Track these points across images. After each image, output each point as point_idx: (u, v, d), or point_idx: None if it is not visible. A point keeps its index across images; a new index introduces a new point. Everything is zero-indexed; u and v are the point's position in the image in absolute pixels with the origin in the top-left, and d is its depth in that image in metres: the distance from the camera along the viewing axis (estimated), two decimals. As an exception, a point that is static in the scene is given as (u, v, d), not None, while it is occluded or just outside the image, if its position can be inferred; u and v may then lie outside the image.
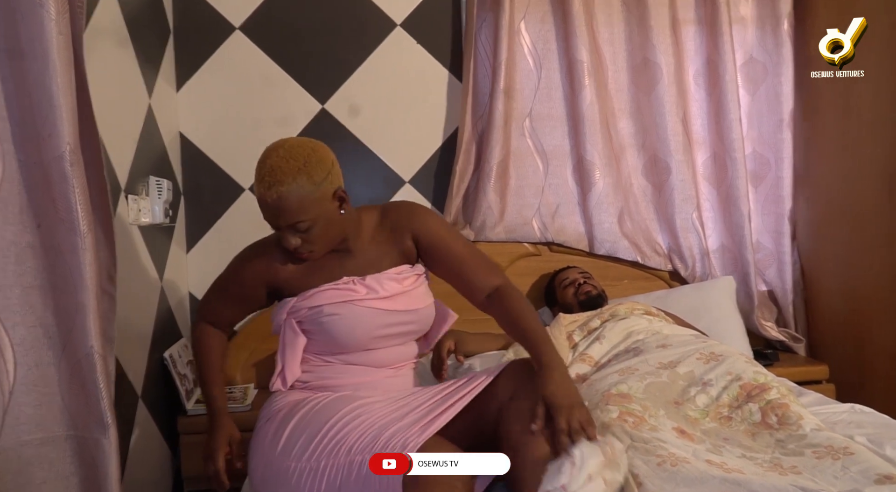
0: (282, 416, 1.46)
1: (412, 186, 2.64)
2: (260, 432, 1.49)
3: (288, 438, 1.39)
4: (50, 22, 1.21)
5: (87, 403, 1.33)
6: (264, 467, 1.42)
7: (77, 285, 1.31)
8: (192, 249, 2.53)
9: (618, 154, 2.68)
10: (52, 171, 1.27)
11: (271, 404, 1.52)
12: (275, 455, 1.39)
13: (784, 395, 1.62)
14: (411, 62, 2.63)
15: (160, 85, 2.32)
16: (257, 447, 1.47)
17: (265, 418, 1.51)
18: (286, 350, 1.53)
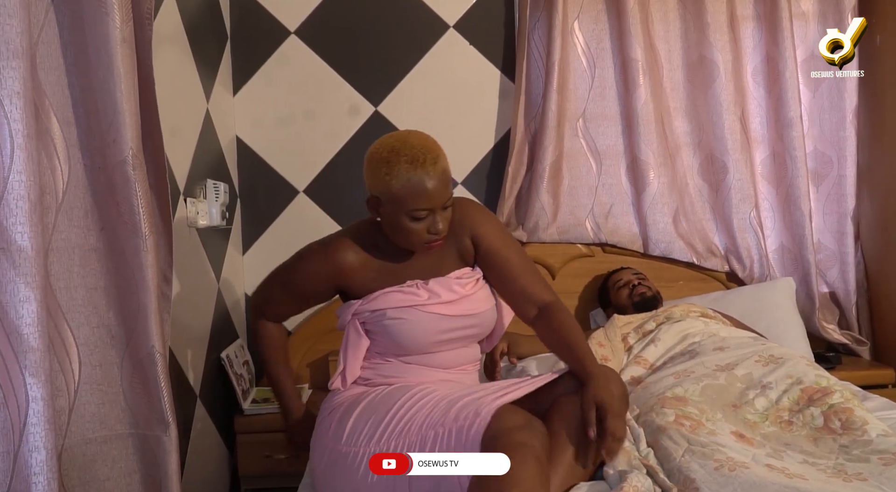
0: (344, 408, 1.45)
1: (464, 188, 2.64)
2: (321, 425, 1.49)
3: (353, 427, 1.39)
4: (115, 30, 1.25)
5: (149, 401, 1.37)
6: (328, 458, 1.41)
7: (139, 287, 1.35)
8: (247, 251, 2.58)
9: (673, 153, 2.63)
10: (115, 175, 1.31)
11: (332, 399, 1.52)
12: (339, 444, 1.38)
13: (848, 399, 1.57)
14: (464, 64, 2.64)
15: (217, 90, 2.37)
16: (319, 440, 1.47)
17: (326, 410, 1.51)
18: (348, 350, 1.53)
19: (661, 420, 1.50)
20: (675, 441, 1.41)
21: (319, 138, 2.60)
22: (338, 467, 1.37)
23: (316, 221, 2.60)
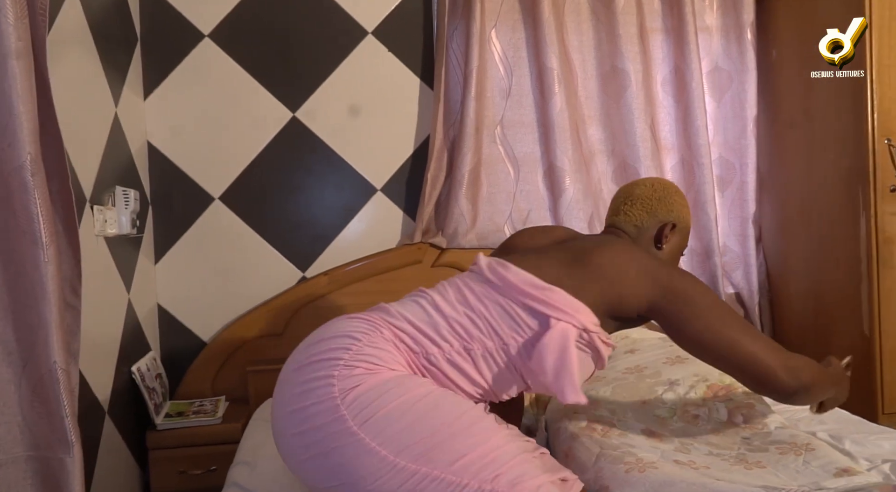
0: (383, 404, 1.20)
1: (384, 194, 2.63)
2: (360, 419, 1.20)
3: (432, 443, 1.16)
4: (8, 27, 1.19)
5: (50, 421, 1.30)
6: (413, 482, 1.16)
7: (39, 299, 1.28)
8: (160, 260, 2.50)
9: (587, 160, 2.71)
10: (12, 181, 1.25)
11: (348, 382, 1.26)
12: (435, 468, 1.14)
13: (749, 395, 1.65)
14: (383, 70, 2.63)
15: (127, 94, 2.29)
16: (365, 448, 1.18)
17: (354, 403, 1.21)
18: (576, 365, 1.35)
19: (574, 427, 1.55)
20: (588, 447, 1.45)
21: (235, 144, 2.55)
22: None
23: (232, 229, 2.54)
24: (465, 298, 1.38)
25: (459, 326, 1.33)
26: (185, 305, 2.52)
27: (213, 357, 2.46)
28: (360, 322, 1.33)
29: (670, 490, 1.21)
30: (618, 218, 1.60)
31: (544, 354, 1.28)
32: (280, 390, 1.29)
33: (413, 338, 1.32)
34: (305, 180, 2.59)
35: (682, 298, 1.35)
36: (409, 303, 1.41)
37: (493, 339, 1.33)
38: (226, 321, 2.53)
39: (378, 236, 2.63)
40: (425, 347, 1.31)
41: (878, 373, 2.27)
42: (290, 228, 2.58)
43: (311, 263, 2.59)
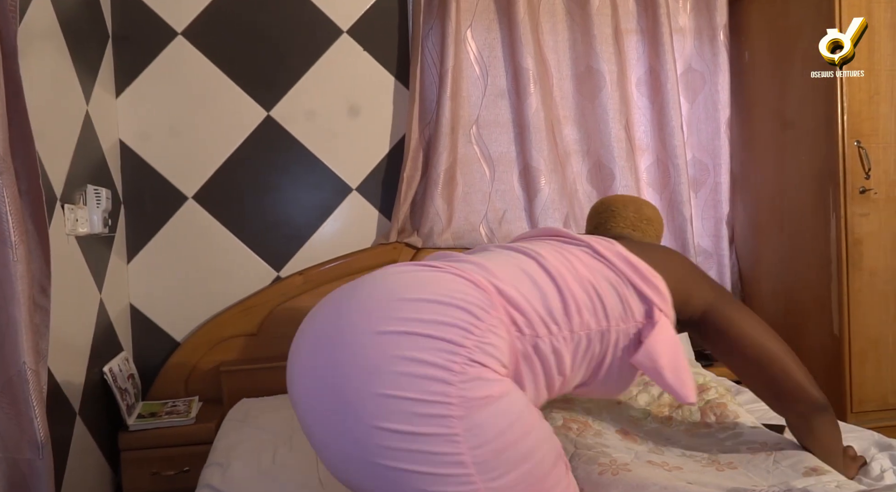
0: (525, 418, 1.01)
1: (359, 194, 2.63)
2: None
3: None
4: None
5: (19, 422, 1.28)
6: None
7: (7, 299, 1.26)
8: (133, 260, 2.47)
9: (563, 160, 2.72)
10: (-21, 181, 1.23)
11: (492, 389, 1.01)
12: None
13: (722, 394, 1.67)
14: (358, 69, 2.63)
15: (98, 91, 2.26)
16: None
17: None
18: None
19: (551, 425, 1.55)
20: (565, 447, 1.45)
21: (209, 143, 2.53)
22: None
23: (206, 228, 2.52)
24: (576, 269, 1.16)
25: (573, 302, 1.12)
26: (158, 305, 2.49)
27: (186, 357, 2.44)
28: (470, 288, 1.04)
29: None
30: (635, 233, 1.56)
31: (658, 349, 1.16)
32: (341, 339, 0.98)
33: (527, 317, 1.07)
34: (280, 179, 2.57)
35: (735, 305, 1.34)
36: (506, 265, 1.14)
37: (601, 323, 1.15)
38: (199, 321, 2.50)
39: (353, 236, 2.62)
40: (536, 329, 1.08)
41: (847, 373, 2.31)
42: (264, 227, 2.56)
43: (286, 263, 2.58)
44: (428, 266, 1.10)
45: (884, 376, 2.34)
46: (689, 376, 1.20)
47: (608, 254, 1.20)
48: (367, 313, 0.99)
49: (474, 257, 1.15)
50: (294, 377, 1.05)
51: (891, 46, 2.31)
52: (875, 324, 2.33)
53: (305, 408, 1.01)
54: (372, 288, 1.04)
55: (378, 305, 1.00)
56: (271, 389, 2.38)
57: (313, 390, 0.98)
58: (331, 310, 1.06)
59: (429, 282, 1.04)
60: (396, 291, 1.02)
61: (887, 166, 2.33)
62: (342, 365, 0.95)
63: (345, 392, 0.93)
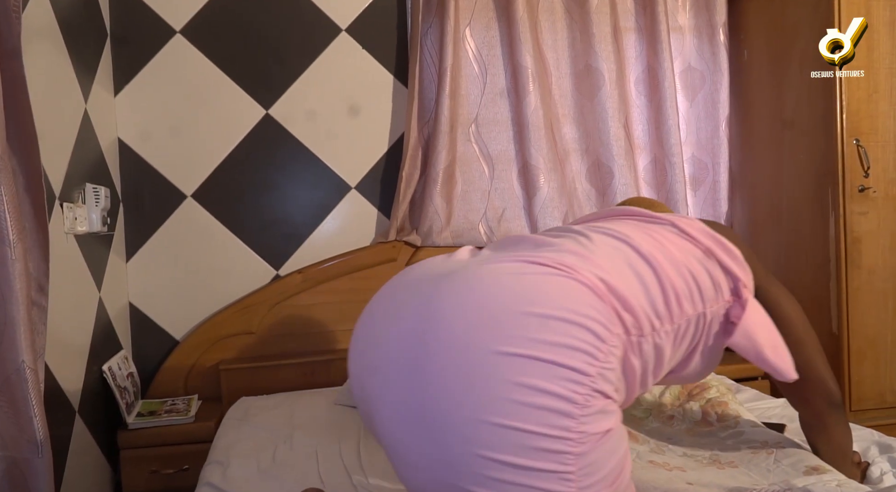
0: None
1: (358, 192, 2.62)
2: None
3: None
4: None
5: (18, 421, 1.28)
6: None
7: (6, 298, 1.26)
8: (132, 258, 2.46)
9: (562, 159, 2.72)
10: (-23, 179, 1.22)
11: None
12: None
13: (723, 393, 1.67)
14: (357, 67, 2.62)
15: (97, 90, 2.26)
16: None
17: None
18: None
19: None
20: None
21: (208, 142, 2.52)
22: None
23: (206, 227, 2.52)
24: (669, 251, 1.06)
25: (673, 292, 1.02)
26: (157, 304, 2.49)
27: (185, 356, 2.44)
28: (591, 298, 0.90)
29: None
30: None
31: (755, 328, 1.11)
32: (446, 354, 0.85)
33: (635, 317, 0.96)
34: (279, 178, 2.57)
35: (780, 286, 1.29)
36: (608, 255, 1.01)
37: (697, 307, 1.06)
38: (198, 320, 2.50)
39: (352, 234, 2.62)
40: (642, 328, 0.97)
41: (846, 371, 2.32)
42: (263, 225, 2.56)
43: (285, 262, 2.58)
44: (537, 264, 0.94)
45: (882, 375, 2.34)
46: (787, 353, 1.15)
47: (693, 231, 1.13)
48: (484, 327, 0.85)
49: (572, 245, 1.02)
50: (370, 385, 0.94)
51: (890, 45, 2.31)
52: (873, 322, 2.33)
53: (390, 425, 0.90)
54: (484, 294, 0.89)
55: (498, 319, 0.86)
56: (271, 387, 2.38)
57: (403, 406, 0.88)
58: (417, 310, 0.92)
59: (550, 291, 0.89)
60: (517, 302, 0.87)
61: (886, 164, 2.33)
62: (448, 385, 0.84)
63: (449, 415, 0.83)
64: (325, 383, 2.41)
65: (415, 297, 0.95)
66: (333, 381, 2.38)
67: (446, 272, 0.97)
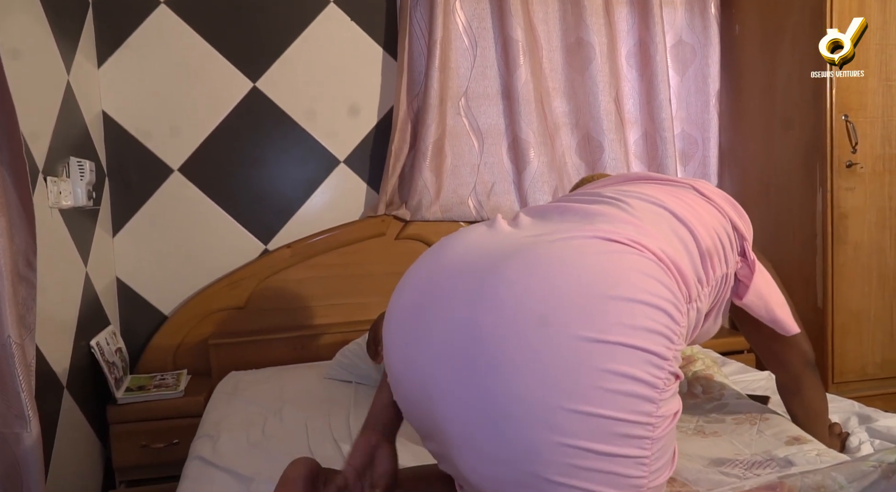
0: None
1: (347, 166, 2.61)
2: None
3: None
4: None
5: (6, 396, 1.28)
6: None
7: (-9, 273, 1.25)
8: (118, 233, 2.45)
9: (552, 133, 2.71)
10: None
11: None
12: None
13: (708, 366, 1.69)
14: (345, 40, 2.59)
15: (79, 61, 2.22)
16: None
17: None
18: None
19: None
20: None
21: (194, 115, 2.49)
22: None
23: (193, 201, 2.50)
24: (700, 215, 1.06)
25: (708, 255, 1.02)
26: (145, 279, 2.48)
27: (174, 331, 2.44)
28: (662, 274, 0.88)
29: None
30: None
31: (764, 288, 1.14)
32: (520, 338, 0.80)
33: (688, 286, 0.95)
34: (267, 152, 2.55)
35: (758, 252, 1.29)
36: (655, 222, 0.99)
37: (724, 268, 1.08)
38: (187, 295, 2.50)
39: (341, 209, 2.61)
40: (692, 297, 0.97)
41: (830, 344, 2.35)
42: (251, 200, 2.55)
43: (274, 236, 2.57)
44: (610, 240, 0.90)
45: (864, 348, 2.38)
46: (790, 309, 1.19)
47: (711, 194, 1.15)
48: (566, 311, 0.81)
49: (622, 214, 0.98)
50: (424, 362, 0.88)
51: (880, 20, 2.31)
52: (857, 297, 2.36)
53: (457, 423, 0.84)
54: (563, 276, 0.84)
55: (581, 304, 0.81)
56: (260, 362, 2.39)
57: (471, 401, 0.82)
58: (472, 297, 0.85)
59: (630, 272, 0.86)
60: (600, 285, 0.83)
61: (874, 140, 2.33)
62: (525, 374, 0.79)
63: (528, 405, 0.79)
64: (314, 357, 2.41)
65: (471, 276, 0.88)
66: (323, 355, 2.39)
67: (506, 250, 0.90)
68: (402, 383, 0.94)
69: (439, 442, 0.91)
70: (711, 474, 1.16)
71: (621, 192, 1.10)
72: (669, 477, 1.12)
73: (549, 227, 0.98)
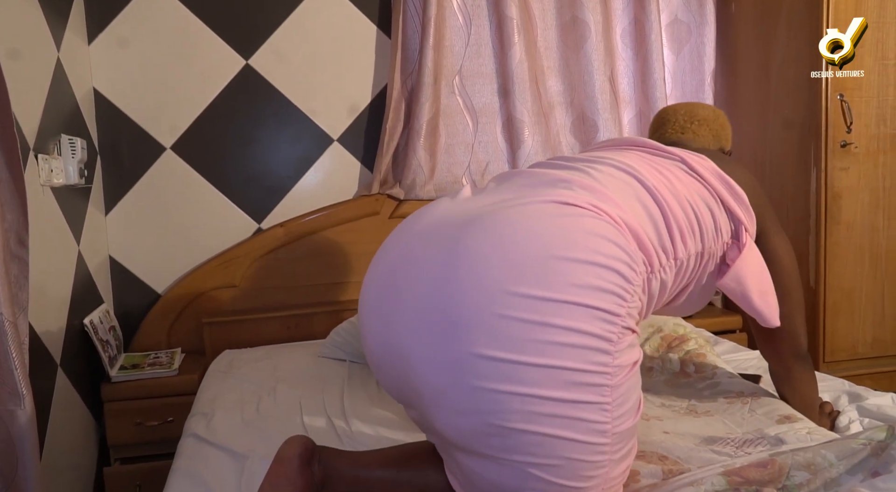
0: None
1: (341, 144, 2.60)
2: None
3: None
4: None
5: (-1, 373, 1.28)
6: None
7: (-18, 250, 1.24)
8: (111, 211, 2.43)
9: (546, 112, 2.70)
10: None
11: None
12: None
13: (701, 345, 1.70)
14: (339, 17, 2.56)
15: (69, 37, 2.19)
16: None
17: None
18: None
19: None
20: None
21: (186, 92, 2.47)
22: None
23: (186, 180, 2.48)
24: (675, 187, 1.08)
25: (677, 227, 1.05)
26: (138, 257, 2.47)
27: (167, 309, 2.43)
28: (616, 235, 0.93)
29: None
30: (684, 136, 1.46)
31: (746, 272, 1.13)
32: (462, 297, 0.87)
33: (647, 254, 1.00)
34: (260, 130, 2.53)
35: (783, 235, 1.31)
36: (620, 189, 1.03)
37: (697, 245, 1.09)
38: (180, 273, 2.49)
39: (335, 187, 2.60)
40: (653, 265, 1.01)
41: (822, 324, 2.36)
42: (245, 178, 2.53)
43: (267, 215, 2.56)
44: (565, 204, 0.95)
45: (855, 327, 2.39)
46: (775, 300, 1.19)
47: (701, 170, 1.15)
48: (516, 272, 0.87)
49: (585, 179, 1.03)
50: (397, 329, 0.93)
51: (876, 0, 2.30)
52: (849, 277, 2.37)
53: (429, 377, 0.90)
54: (515, 240, 0.90)
55: (530, 265, 0.87)
56: (254, 340, 2.39)
57: (440, 356, 0.88)
58: (439, 259, 0.91)
59: (580, 233, 0.91)
60: (549, 247, 0.89)
61: (868, 120, 2.33)
62: (480, 330, 0.85)
63: (484, 358, 0.85)
64: (307, 335, 2.42)
65: (435, 246, 0.94)
66: (316, 334, 2.39)
67: (467, 218, 0.96)
68: (376, 352, 0.99)
69: (416, 405, 0.96)
70: (703, 452, 1.17)
71: (597, 158, 1.13)
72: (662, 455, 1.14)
73: (511, 193, 1.02)
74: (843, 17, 2.27)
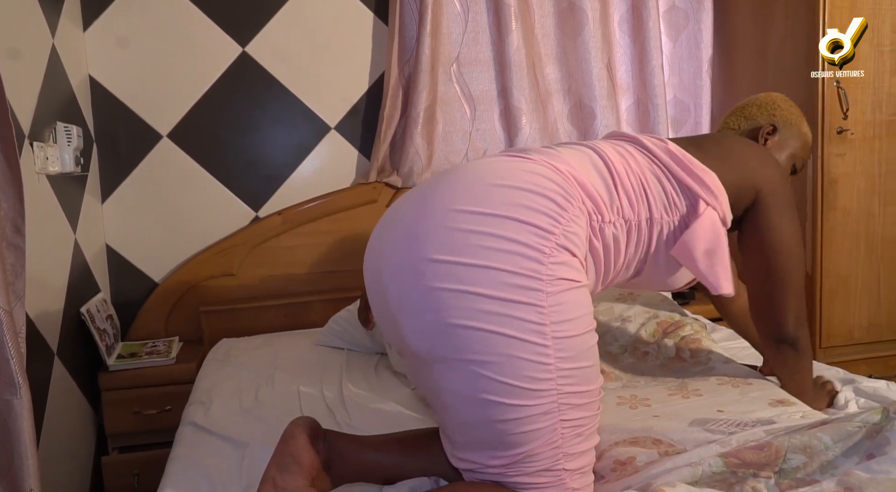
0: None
1: (338, 132, 2.59)
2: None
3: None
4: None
5: (-4, 361, 1.27)
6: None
7: (-22, 238, 1.24)
8: (107, 199, 2.43)
9: (544, 100, 2.69)
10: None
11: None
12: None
13: (697, 331, 1.70)
14: (336, 4, 2.55)
15: (64, 24, 2.18)
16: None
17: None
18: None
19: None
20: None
21: (183, 80, 2.46)
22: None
23: (182, 168, 2.48)
24: (628, 162, 1.22)
25: (624, 191, 1.17)
26: (135, 246, 2.46)
27: (165, 298, 2.43)
28: (555, 175, 1.11)
29: (611, 437, 1.22)
30: (731, 118, 1.61)
31: (695, 237, 1.20)
32: (426, 213, 1.06)
33: (594, 203, 1.13)
34: (257, 118, 2.52)
35: (783, 201, 1.33)
36: (577, 157, 1.20)
37: (646, 211, 1.20)
38: (177, 262, 2.49)
39: (332, 175, 2.59)
40: (603, 215, 1.14)
41: (818, 310, 2.37)
42: (242, 166, 2.53)
43: (264, 203, 2.55)
44: (518, 157, 1.16)
45: (851, 313, 2.40)
46: (726, 266, 1.24)
47: (654, 148, 1.26)
48: (460, 194, 1.06)
49: (552, 150, 1.21)
50: (376, 254, 1.11)
51: (873, -15, 2.29)
52: (845, 263, 2.38)
53: (393, 284, 1.06)
54: (463, 174, 1.11)
55: (468, 189, 1.07)
56: (251, 329, 2.39)
57: (399, 259, 1.05)
58: (418, 196, 1.12)
59: (518, 169, 1.10)
60: (487, 177, 1.09)
61: (864, 106, 2.33)
62: (432, 240, 1.02)
63: (430, 261, 1.01)
64: (305, 324, 2.42)
65: (411, 195, 1.15)
66: (314, 322, 2.39)
67: (441, 176, 1.15)
68: (372, 294, 1.13)
69: (393, 323, 1.07)
70: (696, 432, 1.17)
71: (575, 142, 1.29)
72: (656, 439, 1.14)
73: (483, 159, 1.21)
74: (839, 2, 2.27)
